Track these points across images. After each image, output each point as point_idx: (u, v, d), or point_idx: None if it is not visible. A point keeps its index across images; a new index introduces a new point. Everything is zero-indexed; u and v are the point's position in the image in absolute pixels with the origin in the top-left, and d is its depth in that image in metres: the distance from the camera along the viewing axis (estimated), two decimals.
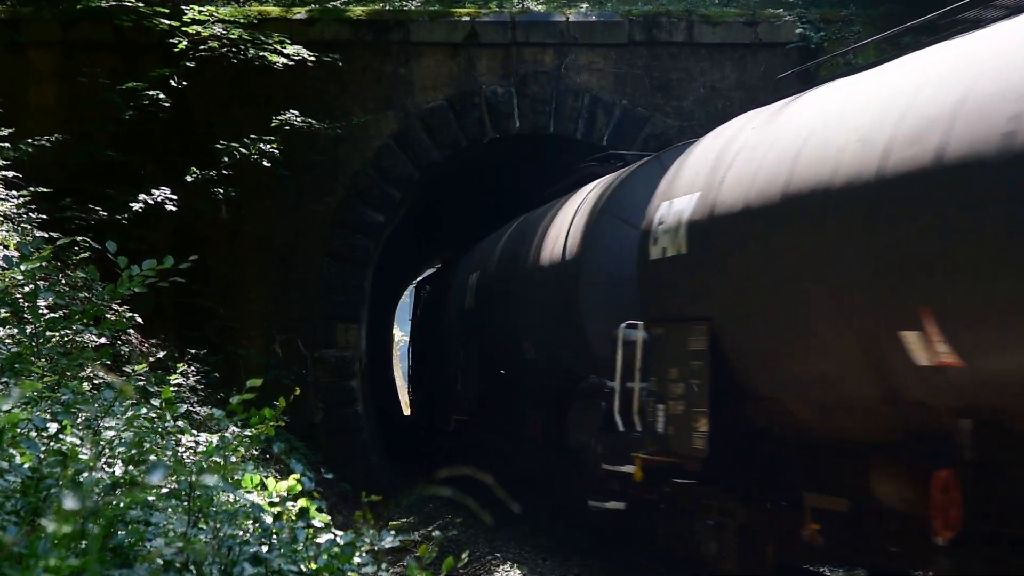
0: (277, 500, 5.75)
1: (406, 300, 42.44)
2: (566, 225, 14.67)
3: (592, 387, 12.99)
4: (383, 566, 5.23)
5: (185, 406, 10.67)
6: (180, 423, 6.91)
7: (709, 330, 9.45)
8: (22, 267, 7.26)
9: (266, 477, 6.16)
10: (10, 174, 14.77)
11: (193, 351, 16.53)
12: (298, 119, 18.71)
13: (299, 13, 20.08)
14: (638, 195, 12.94)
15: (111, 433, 6.46)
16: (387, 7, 20.52)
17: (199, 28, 18.68)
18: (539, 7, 20.96)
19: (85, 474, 5.43)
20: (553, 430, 15.37)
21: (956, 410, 7.19)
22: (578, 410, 14.01)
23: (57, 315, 8.40)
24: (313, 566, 5.25)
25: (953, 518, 7.28)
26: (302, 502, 5.71)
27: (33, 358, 7.36)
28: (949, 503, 7.31)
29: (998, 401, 6.92)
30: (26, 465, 5.21)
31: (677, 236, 10.15)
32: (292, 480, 5.79)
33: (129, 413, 6.76)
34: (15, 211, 13.70)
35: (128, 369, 10.22)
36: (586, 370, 13.45)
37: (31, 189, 14.66)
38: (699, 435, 9.62)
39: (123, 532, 5.13)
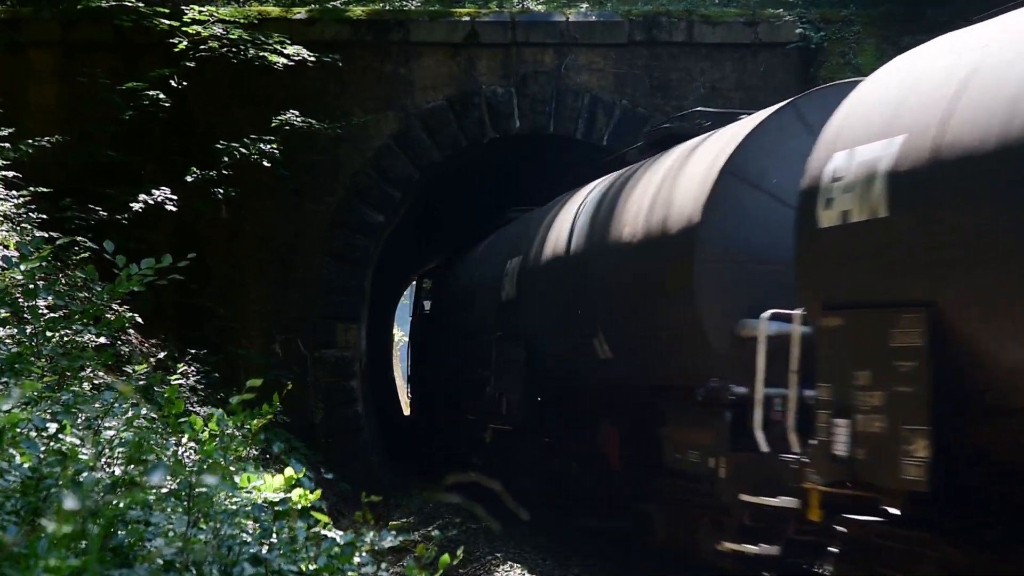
0: (277, 499, 5.74)
1: (406, 300, 42.41)
2: (657, 194, 11.89)
3: (711, 393, 10.49)
4: (383, 566, 5.23)
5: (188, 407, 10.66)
6: (182, 421, 6.90)
7: (929, 319, 7.05)
8: (22, 267, 7.26)
9: (263, 474, 6.16)
10: (10, 174, 14.77)
11: (193, 351, 16.53)
12: (298, 119, 18.70)
13: (299, 13, 20.08)
14: (767, 153, 10.71)
15: (111, 433, 6.46)
16: (387, 7, 20.52)
17: (199, 28, 18.67)
18: (539, 7, 20.96)
19: (85, 474, 5.43)
20: (636, 446, 12.73)
21: None
22: (683, 422, 11.45)
23: (57, 315, 8.40)
24: (313, 566, 5.24)
25: None
26: (297, 493, 5.70)
27: (33, 358, 7.36)
28: None
29: None
30: (26, 465, 5.21)
31: (870, 194, 7.61)
32: (288, 473, 5.79)
33: (129, 413, 6.76)
34: (15, 211, 13.70)
35: (129, 369, 10.23)
36: (695, 372, 10.81)
37: (31, 189, 14.66)
38: (913, 462, 7.13)
39: (123, 532, 5.13)
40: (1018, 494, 7.09)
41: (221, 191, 18.43)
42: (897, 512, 7.65)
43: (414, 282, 35.34)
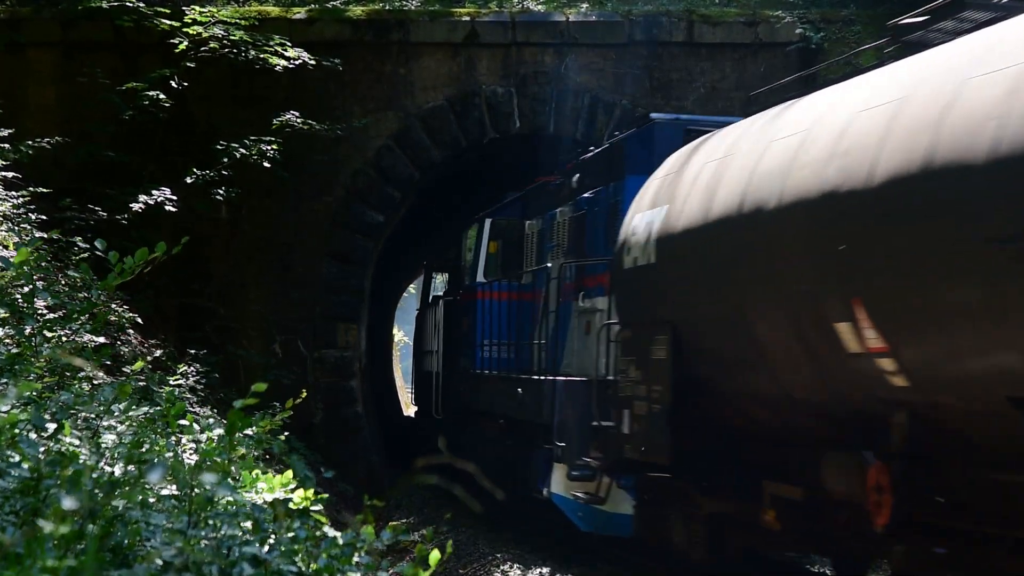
0: (277, 499, 5.74)
1: (406, 301, 42.41)
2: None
3: None
4: (383, 564, 5.22)
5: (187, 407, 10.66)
6: (183, 421, 6.90)
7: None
8: (14, 263, 7.26)
9: (264, 475, 6.15)
10: (9, 174, 14.77)
11: (193, 351, 16.53)
12: (298, 120, 18.70)
13: (299, 13, 20.08)
14: None
15: (112, 437, 6.45)
16: (387, 7, 20.52)
17: (200, 29, 18.67)
18: (539, 7, 20.96)
19: (84, 474, 5.42)
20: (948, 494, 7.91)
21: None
22: None
23: (55, 315, 8.39)
24: (313, 566, 5.24)
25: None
26: (299, 494, 5.70)
27: (32, 358, 7.36)
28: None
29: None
30: (25, 466, 5.21)
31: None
32: (288, 476, 5.79)
33: (129, 413, 6.76)
34: (14, 211, 13.69)
35: (128, 369, 10.23)
36: None
37: (31, 189, 14.66)
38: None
39: (122, 532, 5.13)
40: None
41: (221, 191, 18.43)
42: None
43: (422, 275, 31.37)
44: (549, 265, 16.30)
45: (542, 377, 14.98)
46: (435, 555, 5.14)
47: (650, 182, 11.75)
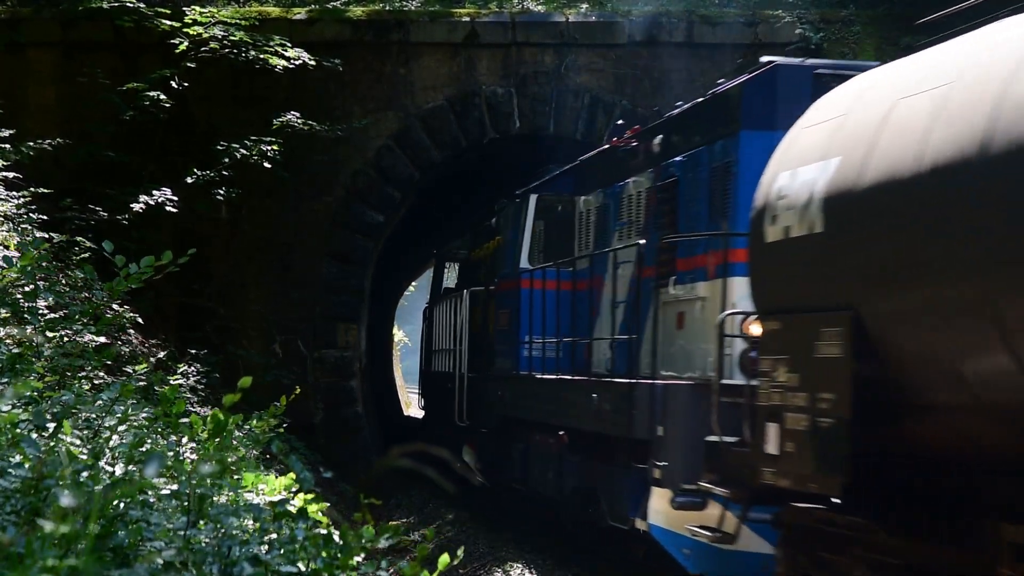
0: (277, 499, 5.76)
1: (406, 301, 42.43)
2: None
3: None
4: (383, 564, 5.24)
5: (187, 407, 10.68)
6: (184, 420, 6.92)
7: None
8: (17, 264, 7.28)
9: (266, 475, 6.17)
10: (10, 175, 14.78)
11: (193, 351, 16.54)
12: (298, 120, 18.72)
13: (299, 13, 20.10)
14: None
15: (115, 440, 6.46)
16: (387, 7, 20.54)
17: (200, 30, 18.69)
18: (539, 7, 20.98)
19: (85, 474, 5.44)
20: None
21: None
22: None
23: (57, 315, 8.41)
24: (313, 566, 5.25)
25: None
26: (301, 498, 5.71)
27: (33, 358, 7.37)
28: None
29: None
30: (26, 465, 5.22)
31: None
32: (289, 478, 5.80)
33: (129, 414, 6.77)
34: (15, 211, 13.71)
35: (129, 369, 10.24)
36: None
37: (31, 189, 14.68)
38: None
39: (122, 532, 5.14)
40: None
41: (221, 192, 18.44)
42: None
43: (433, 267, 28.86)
44: (619, 247, 13.56)
45: (635, 380, 11.89)
46: (444, 559, 5.14)
47: (797, 133, 8.94)
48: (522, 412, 15.94)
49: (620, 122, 15.94)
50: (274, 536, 5.35)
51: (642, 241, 12.74)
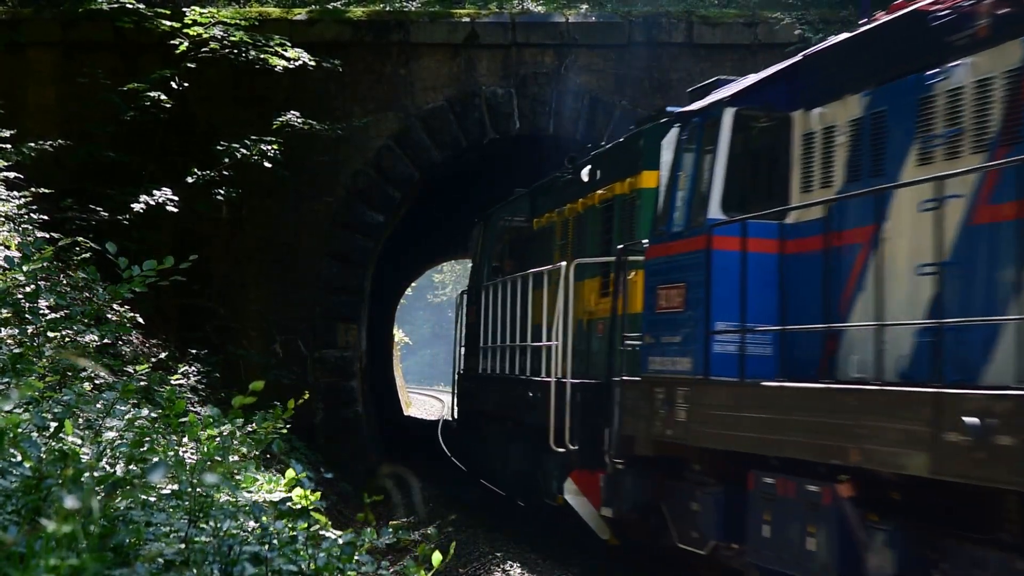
0: (277, 499, 5.77)
1: (406, 300, 42.43)
2: None
3: None
4: (384, 563, 5.26)
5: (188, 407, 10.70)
6: (184, 419, 6.94)
7: None
8: (24, 268, 7.30)
9: (267, 475, 6.19)
10: (11, 175, 14.81)
11: (194, 351, 16.56)
12: (298, 120, 18.74)
13: (300, 14, 20.13)
14: None
15: (112, 434, 6.48)
16: (387, 8, 20.57)
17: (200, 30, 18.71)
18: (539, 8, 21.00)
19: (86, 474, 5.45)
20: None
21: None
22: None
23: (58, 315, 8.43)
24: (313, 566, 5.27)
25: None
26: (297, 493, 5.73)
27: (34, 358, 7.39)
28: None
29: None
30: (27, 465, 5.24)
31: None
32: (290, 476, 5.82)
33: (130, 413, 6.78)
34: (16, 212, 13.73)
35: (130, 369, 10.25)
36: None
37: (32, 190, 14.69)
38: None
39: (124, 532, 5.16)
40: None
41: (222, 192, 18.47)
42: None
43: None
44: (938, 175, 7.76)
45: None
46: (437, 556, 5.17)
47: None
48: (729, 441, 9.65)
49: None
50: (275, 535, 5.36)
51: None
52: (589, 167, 15.41)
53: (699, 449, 10.42)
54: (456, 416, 22.84)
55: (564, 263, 14.89)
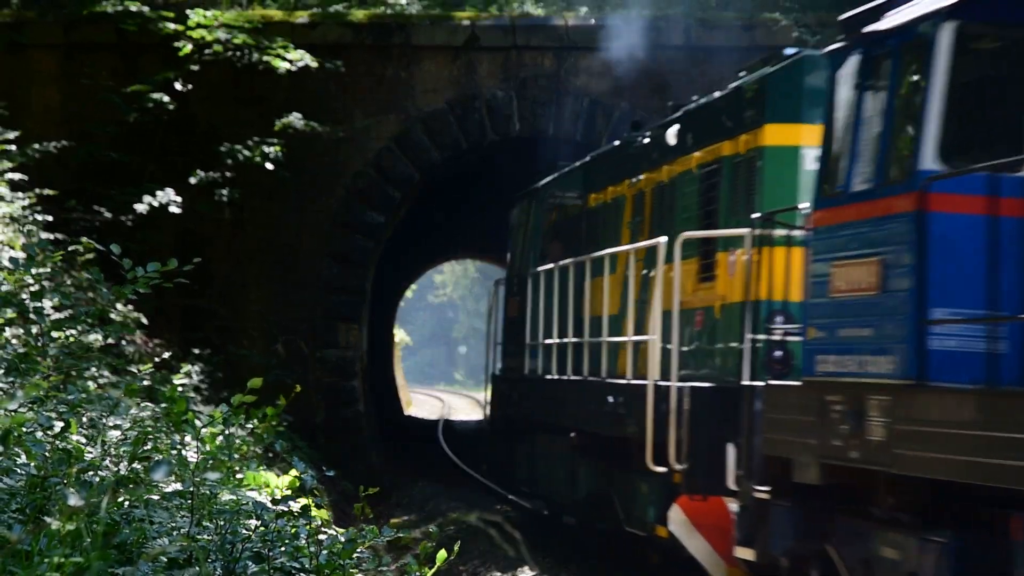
0: (279, 498, 5.85)
1: (406, 301, 42.42)
2: None
3: None
4: (384, 560, 5.33)
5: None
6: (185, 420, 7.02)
7: None
8: (32, 270, 7.38)
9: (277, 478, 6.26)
10: (16, 176, 14.88)
11: (196, 351, 16.63)
12: (300, 122, 18.82)
13: (301, 17, 20.21)
14: None
15: (116, 433, 6.55)
16: (388, 11, 20.63)
17: (204, 33, 18.78)
18: (539, 11, 21.06)
19: (90, 473, 5.52)
20: None
21: None
22: None
23: (63, 316, 8.50)
24: (315, 563, 5.33)
25: None
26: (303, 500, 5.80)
27: (39, 358, 7.46)
28: None
29: None
30: (32, 464, 5.31)
31: None
32: (292, 475, 5.90)
33: (132, 411, 6.86)
34: (21, 213, 13.80)
35: (133, 369, 10.33)
36: None
37: (36, 191, 14.77)
38: None
39: (127, 530, 5.22)
40: None
41: (224, 193, 18.53)
42: None
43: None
44: None
45: None
46: (441, 554, 5.23)
47: None
48: (976, 472, 6.66)
49: None
50: (276, 534, 5.43)
51: None
52: (677, 128, 12.83)
53: (897, 479, 7.48)
54: (491, 425, 20.01)
55: (663, 239, 11.85)
